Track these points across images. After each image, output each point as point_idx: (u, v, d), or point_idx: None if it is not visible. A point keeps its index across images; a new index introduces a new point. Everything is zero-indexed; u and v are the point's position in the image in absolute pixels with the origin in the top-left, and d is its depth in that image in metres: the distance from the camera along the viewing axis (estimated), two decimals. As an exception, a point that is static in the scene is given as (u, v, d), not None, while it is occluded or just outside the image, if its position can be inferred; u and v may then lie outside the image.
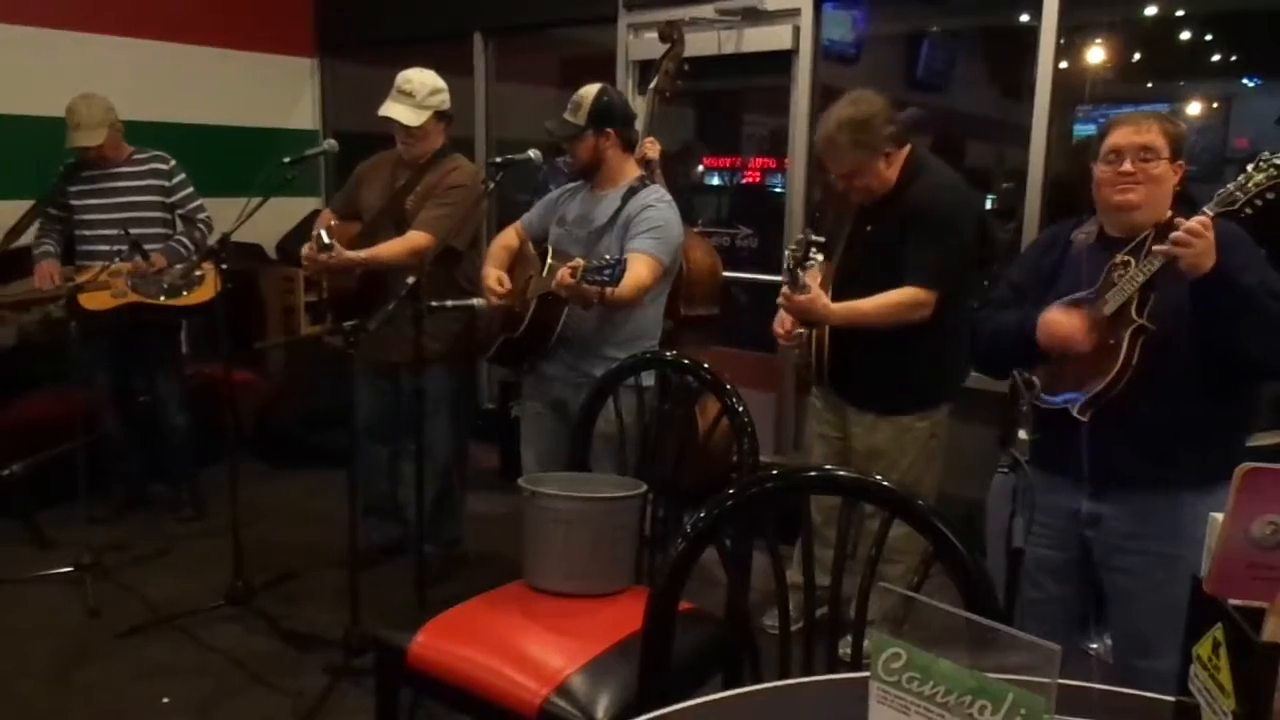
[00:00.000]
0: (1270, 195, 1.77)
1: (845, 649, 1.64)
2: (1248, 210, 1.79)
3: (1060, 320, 1.98)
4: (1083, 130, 3.97)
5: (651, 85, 3.65)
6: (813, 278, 2.58)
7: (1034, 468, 2.09)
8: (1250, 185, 1.78)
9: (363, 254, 3.06)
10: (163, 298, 3.70)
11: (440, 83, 3.19)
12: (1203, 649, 0.89)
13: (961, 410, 2.87)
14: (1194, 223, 1.77)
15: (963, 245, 2.60)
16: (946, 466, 2.87)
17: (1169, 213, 1.96)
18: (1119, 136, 1.97)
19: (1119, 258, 1.95)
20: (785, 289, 2.57)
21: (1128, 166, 1.94)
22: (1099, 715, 1.00)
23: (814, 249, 2.61)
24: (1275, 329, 1.81)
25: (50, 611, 3.17)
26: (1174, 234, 1.79)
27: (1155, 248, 1.85)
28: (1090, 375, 1.94)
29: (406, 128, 3.11)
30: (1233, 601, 0.87)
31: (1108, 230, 2.03)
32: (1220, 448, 1.91)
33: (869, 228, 2.69)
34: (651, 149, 3.45)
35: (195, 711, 2.65)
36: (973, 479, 3.14)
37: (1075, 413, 1.95)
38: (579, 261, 2.44)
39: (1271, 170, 1.75)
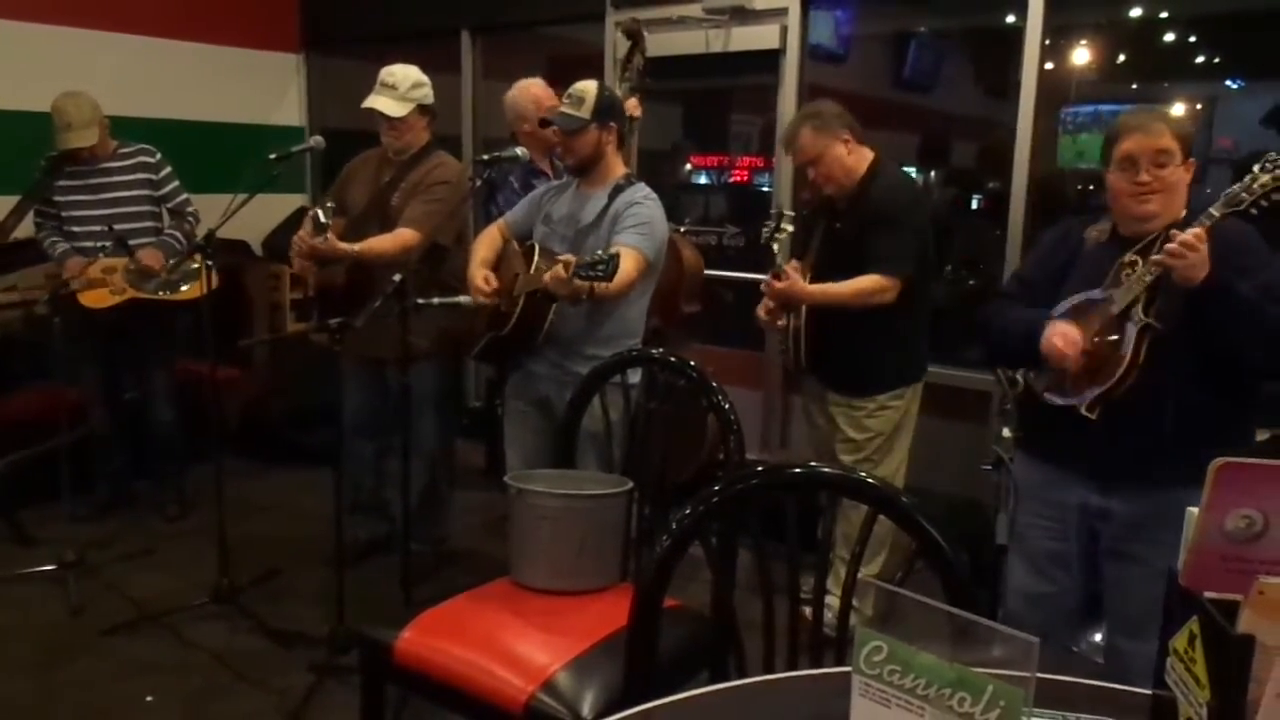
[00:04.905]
0: (1277, 196, 1.80)
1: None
2: (1253, 211, 1.81)
3: (1062, 334, 1.98)
4: (1071, 143, 3.97)
5: (627, 85, 3.65)
6: (794, 269, 2.84)
7: (1041, 462, 2.13)
8: (1256, 186, 1.80)
9: (355, 246, 3.05)
10: (160, 293, 3.69)
11: (423, 77, 3.22)
12: (1179, 642, 0.90)
13: (949, 409, 2.90)
14: (1188, 235, 1.78)
15: (914, 235, 2.82)
16: (932, 464, 2.89)
17: (1184, 212, 1.97)
18: (1131, 143, 1.95)
19: (1127, 257, 1.96)
20: (768, 277, 2.84)
21: (1144, 177, 1.94)
22: (1077, 708, 1.01)
23: (784, 220, 2.91)
24: (1272, 335, 1.81)
25: (33, 610, 3.15)
26: (1168, 245, 1.81)
27: (1152, 257, 1.87)
28: (1089, 384, 1.96)
29: (389, 119, 3.14)
30: (1208, 594, 0.88)
31: (1121, 230, 2.04)
32: (1228, 442, 1.92)
33: (837, 225, 2.91)
34: (635, 108, 3.52)
35: (180, 710, 2.64)
36: (950, 474, 3.19)
37: (1083, 410, 1.97)
38: (570, 257, 2.44)
39: (1278, 171, 1.77)
